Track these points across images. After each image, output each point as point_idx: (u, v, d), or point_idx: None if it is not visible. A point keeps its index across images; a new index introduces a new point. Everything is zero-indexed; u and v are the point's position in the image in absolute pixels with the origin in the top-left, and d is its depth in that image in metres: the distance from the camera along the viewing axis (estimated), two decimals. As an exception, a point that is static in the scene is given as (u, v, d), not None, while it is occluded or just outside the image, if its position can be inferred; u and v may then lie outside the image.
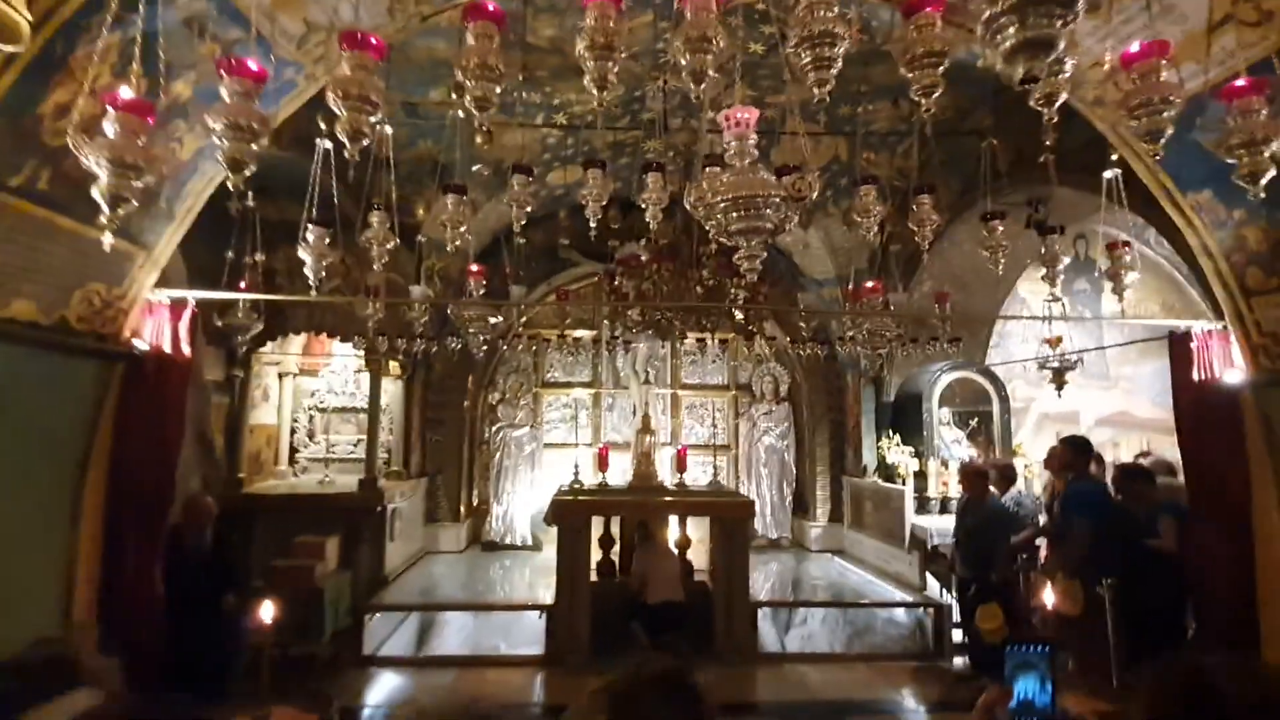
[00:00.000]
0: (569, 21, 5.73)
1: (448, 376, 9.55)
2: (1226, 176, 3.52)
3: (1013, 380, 9.45)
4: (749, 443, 10.29)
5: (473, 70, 2.10)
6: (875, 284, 5.30)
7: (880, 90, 6.87)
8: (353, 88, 2.05)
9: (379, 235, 3.48)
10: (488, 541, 9.66)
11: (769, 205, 2.79)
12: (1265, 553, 3.78)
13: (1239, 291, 3.71)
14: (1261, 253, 3.52)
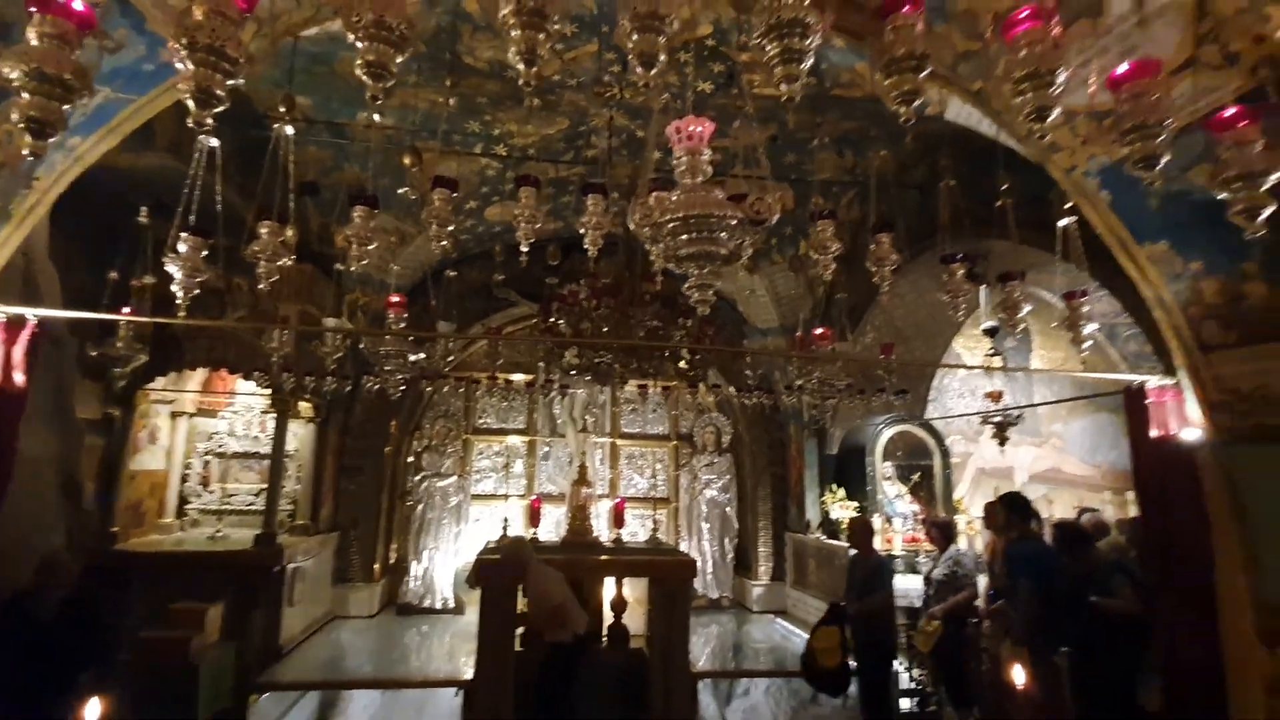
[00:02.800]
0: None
1: (369, 420, 8.78)
2: (1184, 227, 3.44)
3: (951, 435, 9.44)
4: (690, 496, 9.84)
5: (366, 27, 1.68)
6: (825, 331, 5.05)
7: (829, 139, 6.87)
8: (202, 35, 1.58)
9: (268, 249, 2.95)
10: (404, 604, 8.74)
11: (723, 228, 2.44)
12: (1231, 623, 3.56)
13: (1195, 346, 3.58)
14: (1219, 305, 3.41)
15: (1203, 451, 3.61)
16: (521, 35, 1.84)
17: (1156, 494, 4.01)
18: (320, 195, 7.35)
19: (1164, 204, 3.35)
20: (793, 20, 1.95)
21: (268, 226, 3.06)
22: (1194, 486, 3.71)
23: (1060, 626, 4.59)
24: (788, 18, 1.95)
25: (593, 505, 8.06)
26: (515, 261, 8.91)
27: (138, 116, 3.20)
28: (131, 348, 5.60)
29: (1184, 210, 3.26)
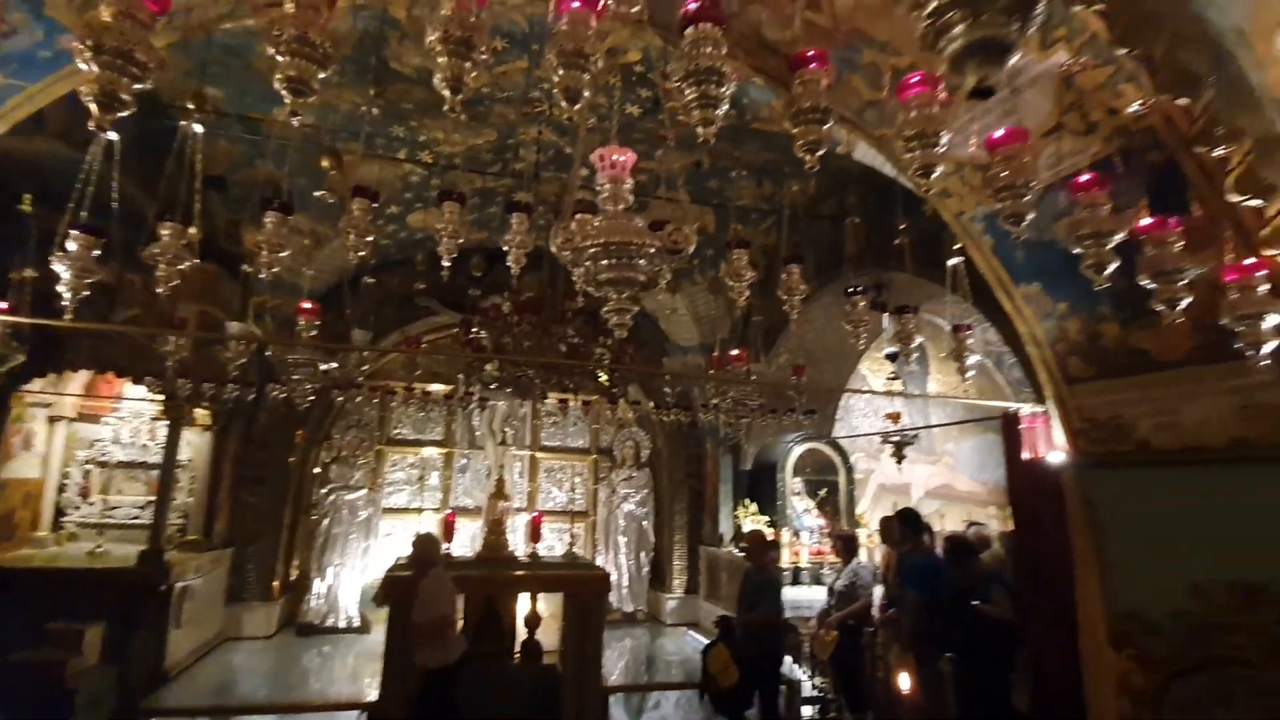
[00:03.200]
0: (440, 54, 5.39)
1: (273, 429, 8.35)
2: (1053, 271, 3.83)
3: (855, 453, 9.95)
4: (608, 509, 9.90)
5: (289, 43, 1.68)
6: (740, 352, 5.26)
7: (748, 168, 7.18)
8: (109, 38, 1.54)
9: (169, 251, 2.81)
10: (305, 624, 8.32)
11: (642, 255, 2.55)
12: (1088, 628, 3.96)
13: (1061, 379, 3.98)
14: (1081, 343, 3.82)
15: (1066, 473, 4.01)
16: (448, 63, 1.88)
17: (1027, 511, 4.42)
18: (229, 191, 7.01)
19: (1035, 250, 3.73)
20: (709, 69, 2.09)
21: (169, 228, 2.92)
22: (1059, 505, 4.11)
23: (946, 633, 4.94)
24: (704, 65, 2.09)
25: (510, 519, 7.99)
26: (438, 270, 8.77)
27: (31, 104, 2.99)
28: (7, 346, 5.13)
29: (1053, 256, 3.64)
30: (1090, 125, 3.16)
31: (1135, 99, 2.93)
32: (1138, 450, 3.55)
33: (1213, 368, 3.09)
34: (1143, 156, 3.03)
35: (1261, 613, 2.99)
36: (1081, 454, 3.88)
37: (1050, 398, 4.07)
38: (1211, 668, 3.16)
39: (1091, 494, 3.83)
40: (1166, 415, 3.39)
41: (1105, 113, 3.12)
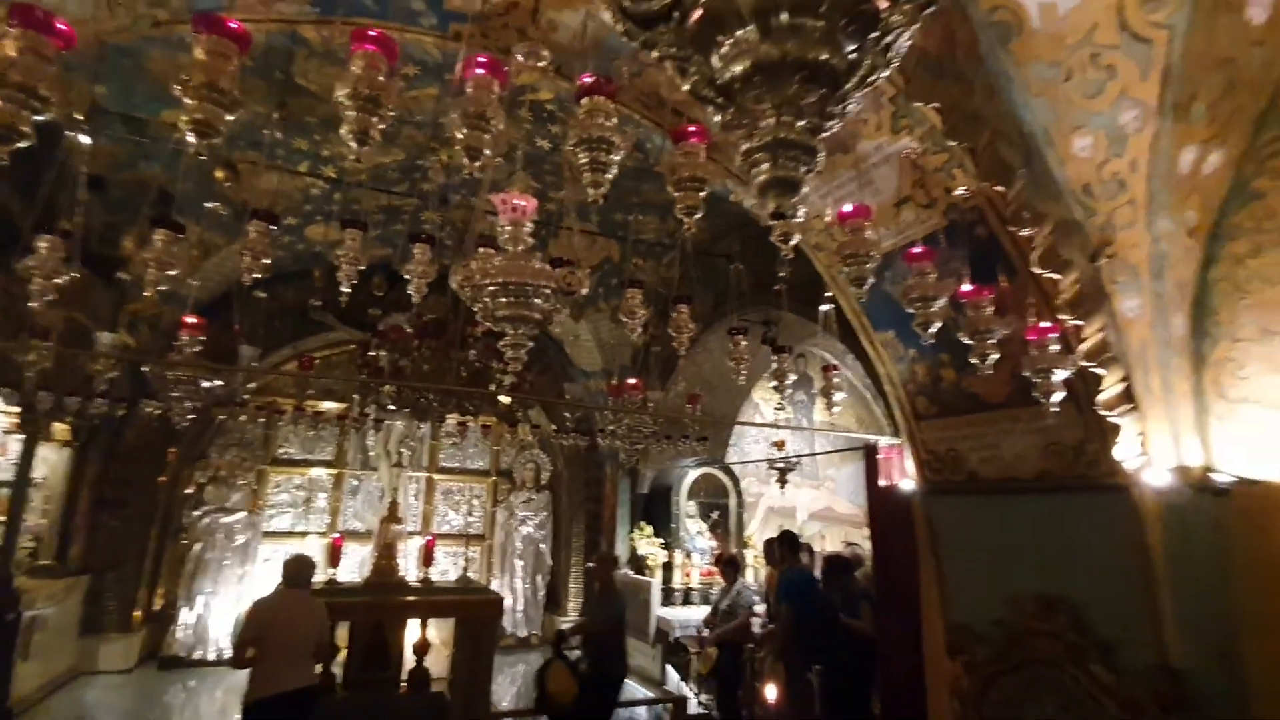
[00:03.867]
0: (348, 74, 5.41)
1: (142, 446, 7.79)
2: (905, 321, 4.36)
3: (746, 477, 10.47)
4: (506, 532, 9.87)
5: (196, 88, 1.78)
6: (637, 382, 5.53)
7: (650, 205, 7.56)
8: (13, 73, 1.60)
9: (45, 266, 2.73)
10: (169, 657, 7.74)
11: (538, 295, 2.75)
12: (930, 638, 4.45)
13: (911, 415, 4.51)
14: (927, 385, 4.36)
15: (914, 499, 4.53)
16: (356, 118, 2.03)
17: (883, 533, 4.91)
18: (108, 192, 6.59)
19: (890, 302, 4.24)
20: (601, 138, 2.34)
21: (47, 242, 2.83)
22: (909, 527, 4.62)
23: (815, 646, 5.35)
24: (597, 135, 2.34)
25: (402, 543, 7.83)
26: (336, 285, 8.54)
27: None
28: None
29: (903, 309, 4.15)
30: (930, 200, 3.68)
31: (964, 183, 3.47)
32: (968, 479, 4.09)
33: (1025, 410, 3.65)
34: (970, 230, 3.57)
35: (1059, 620, 3.53)
36: (926, 482, 4.40)
37: (903, 432, 4.59)
38: (1023, 668, 3.67)
39: (933, 518, 4.35)
40: (990, 450, 3.94)
41: (942, 191, 3.65)
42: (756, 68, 1.12)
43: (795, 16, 1.09)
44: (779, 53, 1.10)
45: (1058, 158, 3.44)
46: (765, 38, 1.10)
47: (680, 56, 1.21)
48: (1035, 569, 3.69)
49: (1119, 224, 3.35)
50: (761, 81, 1.12)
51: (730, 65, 1.15)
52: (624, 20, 1.20)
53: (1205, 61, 3.09)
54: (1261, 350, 3.13)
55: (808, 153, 1.14)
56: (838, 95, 1.15)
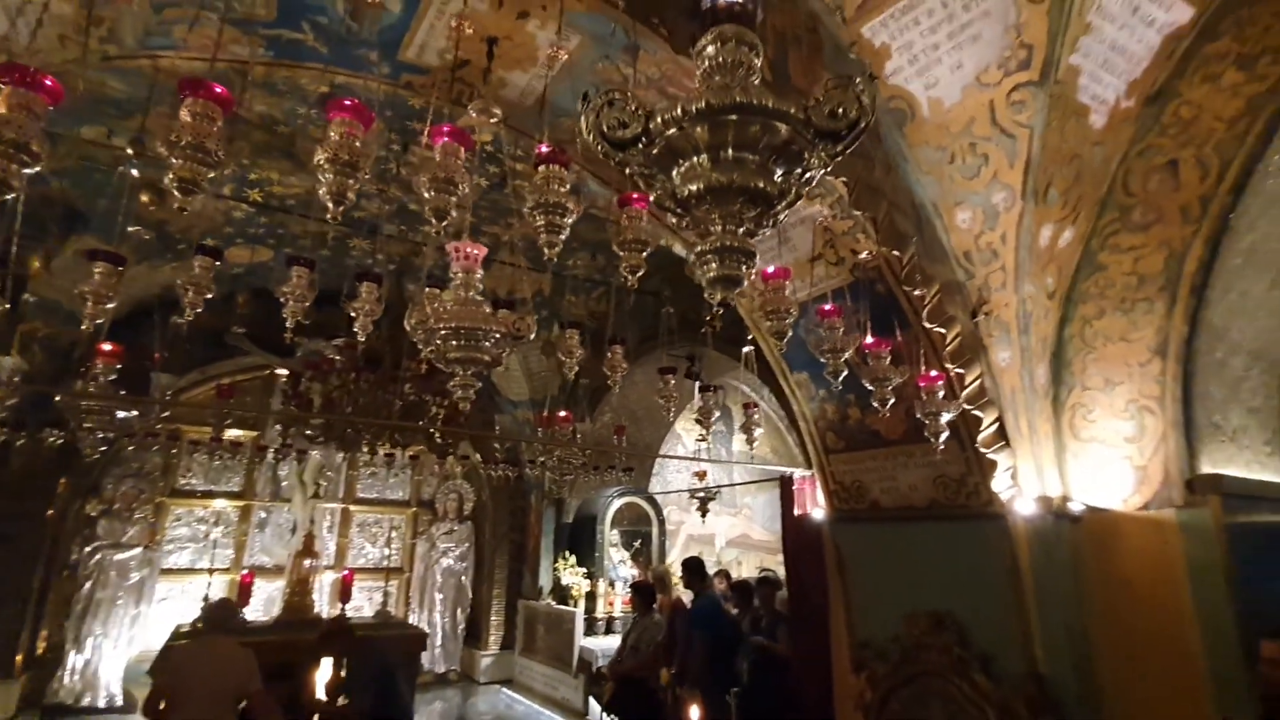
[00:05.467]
0: (286, 104, 5.45)
1: (28, 477, 7.20)
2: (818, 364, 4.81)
3: (669, 506, 10.79)
4: (426, 565, 9.69)
5: (185, 148, 1.92)
6: (568, 415, 5.74)
7: (584, 243, 7.86)
8: (8, 131, 1.70)
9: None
10: (54, 705, 7.10)
11: (488, 339, 2.95)
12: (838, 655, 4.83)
13: (821, 449, 4.95)
14: (835, 422, 4.81)
15: (824, 527, 4.95)
16: (334, 180, 2.20)
17: (797, 558, 5.31)
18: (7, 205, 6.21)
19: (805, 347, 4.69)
20: (557, 204, 2.60)
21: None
22: (819, 552, 5.03)
23: (730, 670, 5.61)
24: (553, 201, 2.60)
25: (316, 578, 7.60)
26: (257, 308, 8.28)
27: None
28: None
29: (816, 354, 4.61)
30: (839, 259, 4.16)
31: (867, 246, 3.96)
32: (871, 508, 4.54)
33: (917, 447, 4.13)
34: (871, 287, 4.06)
35: (947, 636, 3.98)
36: (834, 510, 4.83)
37: (814, 464, 5.02)
38: (916, 680, 4.09)
39: (840, 543, 4.78)
40: (889, 481, 4.41)
41: (849, 251, 4.14)
42: (708, 189, 1.42)
43: (739, 152, 1.41)
44: (726, 179, 1.41)
45: (944, 228, 4.00)
46: (715, 166, 1.42)
47: (647, 174, 1.50)
48: (928, 589, 4.15)
49: (993, 286, 3.93)
50: (712, 200, 1.43)
51: (687, 184, 1.45)
52: (603, 141, 1.47)
53: (1058, 156, 3.72)
54: (1105, 398, 3.74)
55: (748, 256, 1.45)
56: (770, 213, 1.47)
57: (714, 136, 1.41)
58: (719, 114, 1.39)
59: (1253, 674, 2.82)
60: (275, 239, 7.72)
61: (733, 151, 1.40)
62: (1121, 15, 3.39)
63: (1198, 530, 3.29)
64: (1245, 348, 3.67)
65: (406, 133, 5.72)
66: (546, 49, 4.22)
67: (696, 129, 1.41)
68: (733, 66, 1.52)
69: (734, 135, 1.40)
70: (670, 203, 1.49)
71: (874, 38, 3.76)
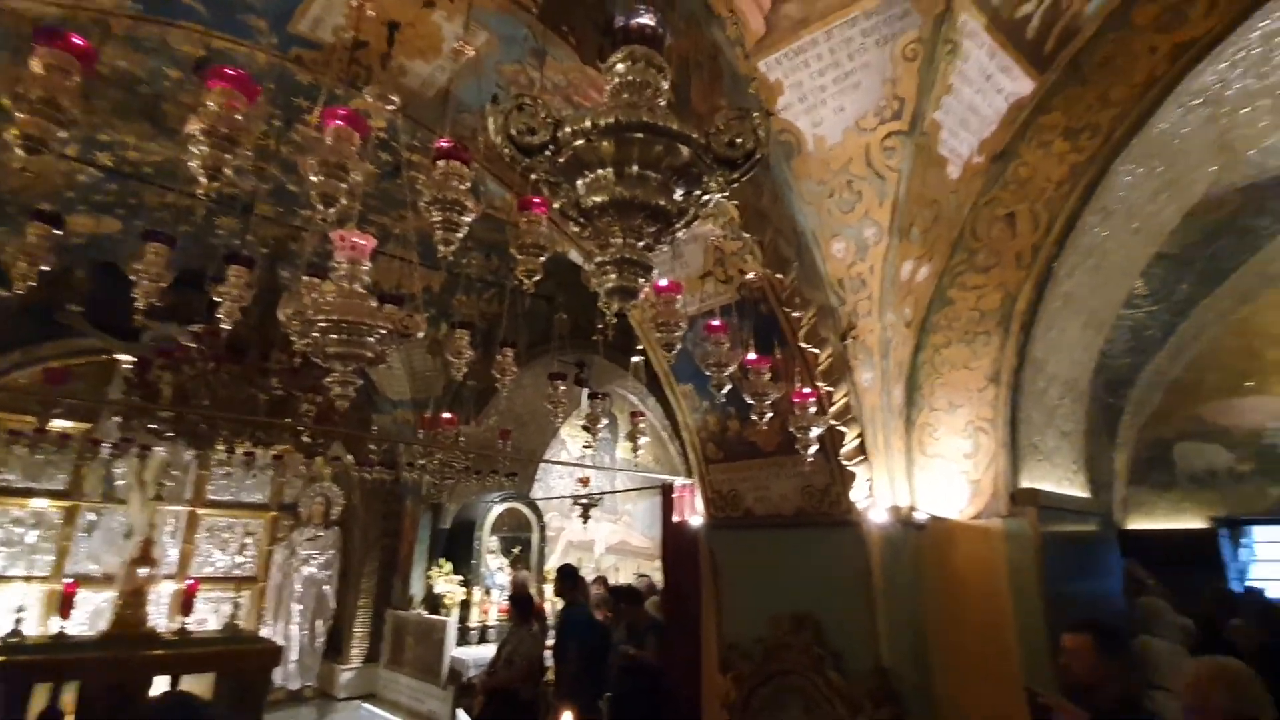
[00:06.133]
0: (152, 63, 4.96)
1: None
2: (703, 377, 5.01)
3: (550, 511, 10.74)
4: (284, 573, 9.00)
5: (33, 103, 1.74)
6: (452, 417, 5.59)
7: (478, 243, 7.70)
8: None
9: None
10: None
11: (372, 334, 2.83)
12: (708, 657, 5.03)
13: (702, 459, 5.15)
14: (716, 433, 5.03)
15: (701, 533, 5.14)
16: (209, 153, 2.05)
17: (674, 564, 5.47)
18: None
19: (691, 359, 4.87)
20: (455, 201, 2.56)
21: None
22: (696, 558, 5.21)
23: (603, 677, 5.66)
24: (451, 198, 2.55)
25: (153, 589, 6.87)
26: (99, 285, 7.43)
27: None
28: None
29: (702, 367, 4.80)
30: (728, 277, 4.38)
31: (753, 267, 4.20)
32: (744, 515, 4.79)
33: (789, 458, 4.41)
34: (755, 307, 4.31)
35: (806, 635, 4.26)
36: (711, 518, 5.04)
37: (695, 473, 5.22)
38: (776, 678, 4.35)
39: (715, 549, 4.99)
40: (762, 490, 4.68)
41: (737, 271, 4.37)
42: (612, 202, 1.48)
43: (643, 169, 1.49)
44: (630, 194, 1.48)
45: (821, 256, 4.33)
46: (620, 181, 1.48)
47: (552, 181, 1.54)
48: (792, 592, 4.42)
49: (860, 313, 4.29)
50: (614, 213, 1.49)
51: (591, 195, 1.51)
52: (510, 145, 1.49)
53: (920, 200, 4.14)
54: (948, 419, 4.19)
55: (645, 269, 1.52)
56: (669, 230, 1.55)
57: (620, 152, 1.48)
58: (626, 131, 1.46)
59: (1055, 662, 3.26)
60: (126, 209, 6.95)
61: (637, 168, 1.47)
62: (978, 81, 3.84)
63: (1018, 538, 3.76)
64: (1060, 379, 4.26)
65: (291, 109, 5.38)
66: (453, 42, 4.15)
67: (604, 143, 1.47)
68: (641, 86, 1.60)
69: (639, 153, 1.47)
70: (573, 212, 1.54)
71: (769, 73, 4.02)
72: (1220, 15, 3.40)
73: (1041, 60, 3.80)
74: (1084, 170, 3.80)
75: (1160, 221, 4.26)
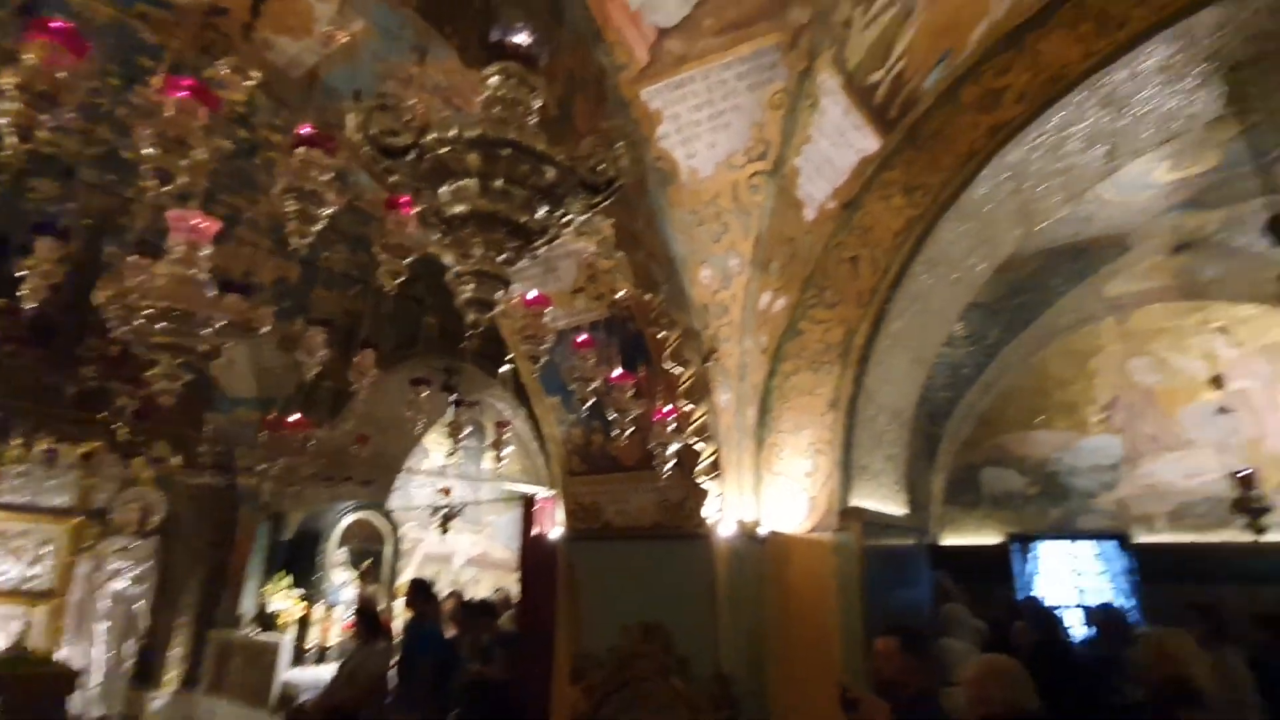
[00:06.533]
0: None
1: None
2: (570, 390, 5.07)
3: (408, 522, 10.27)
4: (90, 587, 7.89)
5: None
6: (300, 419, 5.22)
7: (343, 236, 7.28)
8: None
9: None
10: None
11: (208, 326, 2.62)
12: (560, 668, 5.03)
13: (565, 471, 5.19)
14: (580, 446, 5.10)
15: (560, 545, 5.17)
16: (21, 111, 1.83)
17: (532, 577, 5.45)
18: None
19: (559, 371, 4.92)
20: (313, 192, 2.44)
21: None
22: (553, 570, 5.22)
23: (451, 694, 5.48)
24: (309, 189, 2.43)
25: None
26: None
27: None
28: None
29: (570, 379, 4.86)
30: (600, 295, 4.49)
31: (624, 287, 4.33)
32: (604, 528, 4.88)
33: (648, 473, 4.55)
34: (624, 325, 4.44)
35: (655, 644, 4.40)
36: (571, 530, 5.08)
37: (558, 485, 5.24)
38: (627, 685, 4.45)
39: (574, 561, 5.03)
40: (622, 503, 4.79)
41: (609, 289, 4.48)
42: (474, 214, 1.50)
43: (508, 184, 1.52)
44: (493, 208, 1.50)
45: (689, 281, 4.55)
46: (484, 194, 1.51)
47: (413, 186, 1.53)
48: (645, 602, 4.55)
49: (722, 338, 4.55)
50: (476, 224, 1.51)
51: (454, 204, 1.52)
52: (370, 145, 1.47)
53: (779, 237, 4.48)
54: (793, 440, 4.53)
55: (503, 282, 1.55)
56: (529, 247, 1.59)
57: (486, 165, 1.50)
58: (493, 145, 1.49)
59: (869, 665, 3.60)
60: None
61: (502, 183, 1.50)
62: (833, 134, 4.24)
63: (845, 551, 4.13)
64: (888, 408, 4.75)
65: (132, 67, 4.86)
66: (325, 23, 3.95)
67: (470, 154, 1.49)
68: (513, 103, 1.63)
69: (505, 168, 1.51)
70: (434, 219, 1.54)
71: (650, 101, 4.20)
72: (1028, 104, 4.00)
73: (887, 123, 4.27)
74: (916, 224, 4.30)
75: (975, 275, 4.90)
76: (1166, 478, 6.82)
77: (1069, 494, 7.35)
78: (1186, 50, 3.67)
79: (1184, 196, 5.29)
